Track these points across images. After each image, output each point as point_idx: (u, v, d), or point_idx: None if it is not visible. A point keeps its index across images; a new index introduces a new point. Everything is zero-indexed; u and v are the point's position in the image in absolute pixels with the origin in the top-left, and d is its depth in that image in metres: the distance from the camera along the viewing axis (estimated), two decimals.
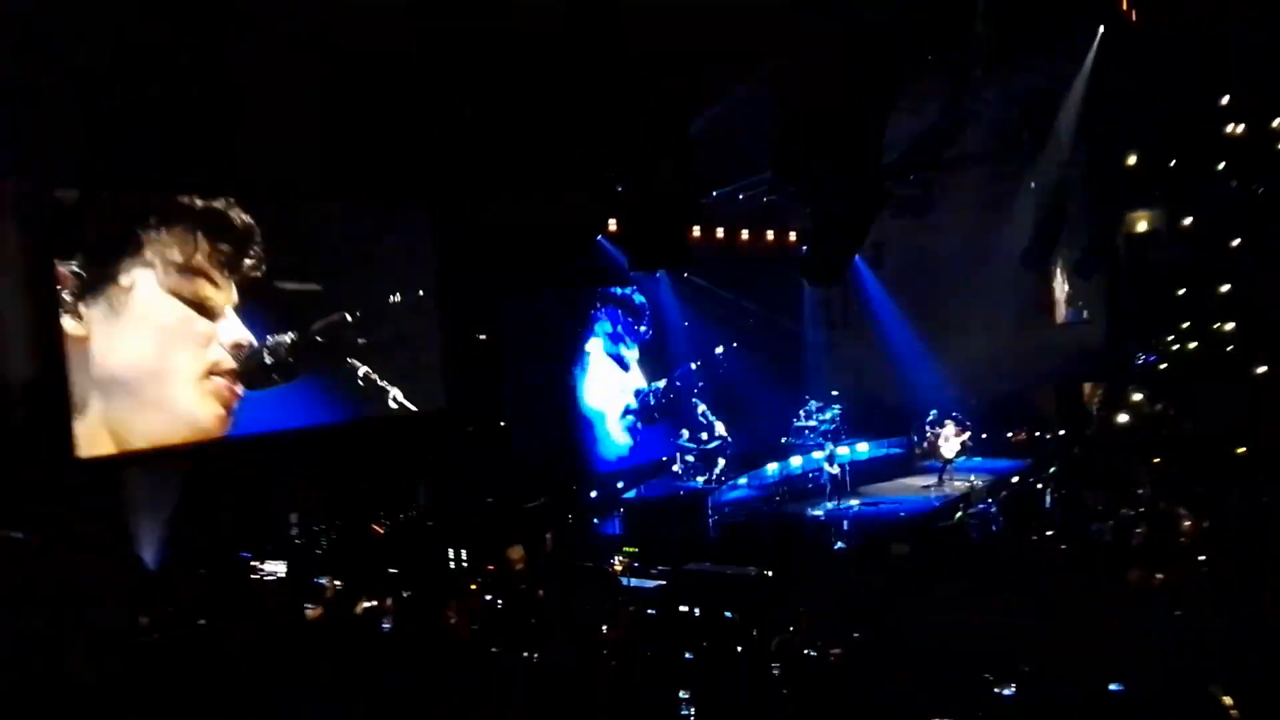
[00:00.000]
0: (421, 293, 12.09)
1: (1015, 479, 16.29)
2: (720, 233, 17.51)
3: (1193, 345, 23.08)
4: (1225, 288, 23.30)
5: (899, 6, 11.77)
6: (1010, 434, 19.95)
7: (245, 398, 10.31)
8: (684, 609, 9.18)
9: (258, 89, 9.57)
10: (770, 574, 10.75)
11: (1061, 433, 20.35)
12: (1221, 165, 23.94)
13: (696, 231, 16.21)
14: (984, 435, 18.30)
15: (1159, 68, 20.56)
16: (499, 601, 8.99)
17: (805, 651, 6.65)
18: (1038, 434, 20.20)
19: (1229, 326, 23.16)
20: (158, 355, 9.58)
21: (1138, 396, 22.15)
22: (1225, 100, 23.53)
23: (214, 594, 3.84)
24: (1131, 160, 24.34)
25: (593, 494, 14.62)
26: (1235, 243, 23.51)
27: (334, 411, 11.24)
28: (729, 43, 12.88)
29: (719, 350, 17.46)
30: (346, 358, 11.31)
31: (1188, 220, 24.72)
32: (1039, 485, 14.88)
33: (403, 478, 13.42)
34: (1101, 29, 18.88)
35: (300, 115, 10.06)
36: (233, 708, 2.63)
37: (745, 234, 18.07)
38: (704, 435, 15.49)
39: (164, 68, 9.00)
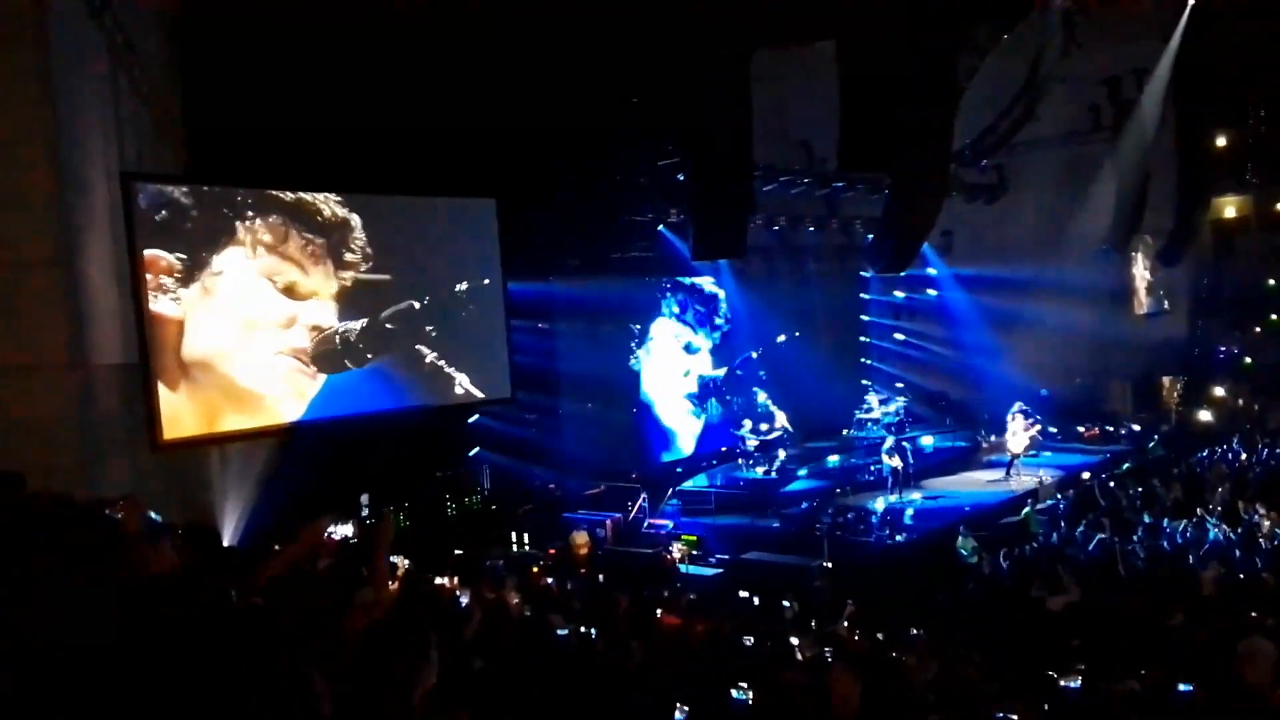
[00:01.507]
0: (488, 281, 12.34)
1: (1086, 475, 15.83)
2: (783, 221, 17.40)
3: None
4: None
5: None
6: (1082, 429, 19.36)
7: (322, 384, 10.70)
8: (743, 594, 9.26)
9: (336, 87, 9.93)
10: (829, 565, 10.74)
11: (1137, 428, 19.67)
12: None
13: (758, 220, 16.12)
14: (1055, 430, 17.79)
15: (1252, 42, 19.59)
16: (568, 584, 9.19)
17: (859, 640, 6.65)
18: (1111, 429, 19.56)
19: None
20: (244, 338, 10.06)
21: (1220, 392, 21.26)
22: None
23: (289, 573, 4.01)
24: (1221, 141, 23.33)
25: (653, 483, 14.74)
26: None
27: (403, 397, 11.58)
28: (792, 21, 12.78)
29: (781, 339, 17.37)
30: (415, 345, 11.64)
31: None
32: (1111, 483, 14.44)
33: (468, 462, 13.78)
34: (1191, 1, 18.07)
35: (373, 109, 10.40)
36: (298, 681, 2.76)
37: (809, 222, 17.92)
38: (764, 425, 15.45)
39: (249, 71, 9.43)
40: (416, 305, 11.58)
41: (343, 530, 11.13)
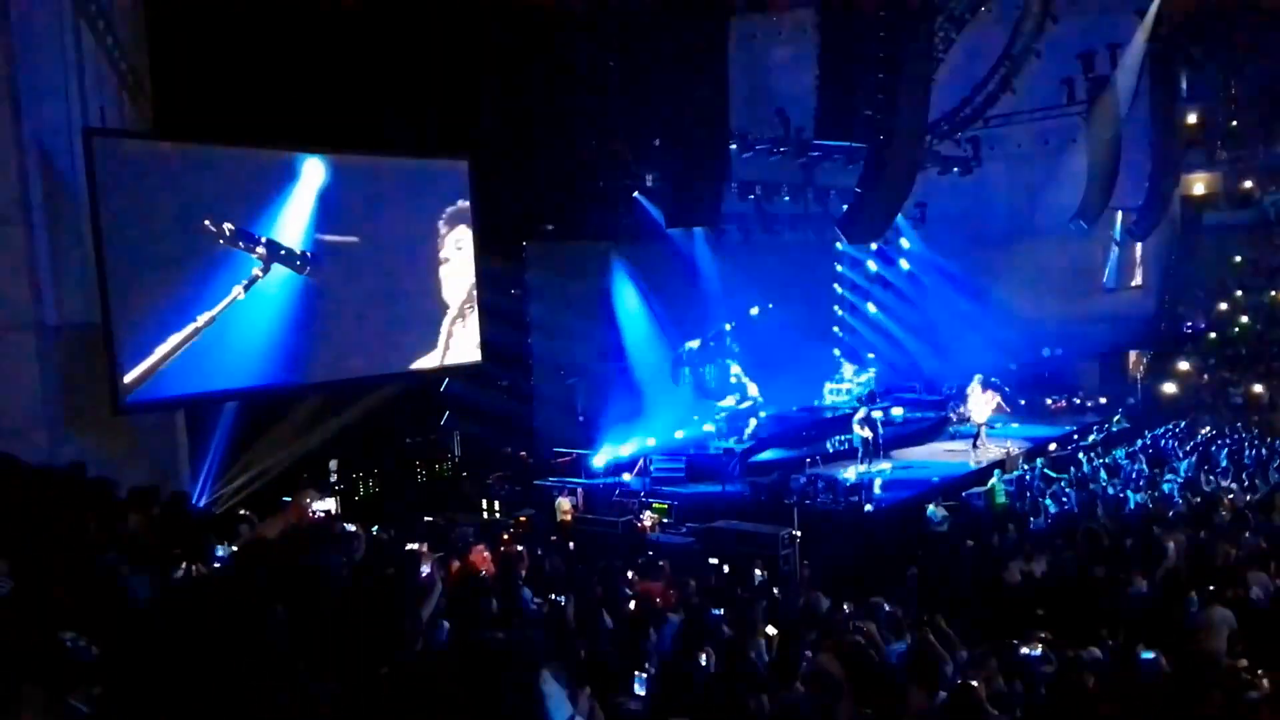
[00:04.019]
0: (460, 245, 12.10)
1: (1053, 446, 16.07)
2: (759, 189, 17.27)
3: (1245, 314, 22.46)
4: None
5: None
6: (1050, 401, 19.64)
7: (290, 347, 10.41)
8: (713, 561, 9.28)
9: (302, 43, 9.63)
10: (798, 534, 10.80)
11: (1104, 401, 19.98)
12: None
13: (733, 189, 15.99)
14: (1023, 402, 18.00)
15: (1225, 22, 19.68)
16: (538, 550, 9.14)
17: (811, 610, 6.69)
18: (1078, 401, 19.86)
19: None
20: (212, 306, 9.72)
21: (1185, 366, 21.63)
22: None
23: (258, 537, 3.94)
24: (1191, 119, 23.50)
25: (623, 450, 14.71)
26: None
27: (374, 362, 11.33)
28: None
29: (754, 311, 17.31)
30: (385, 309, 11.37)
31: (1248, 183, 23.89)
32: (1078, 454, 14.67)
33: (439, 429, 13.66)
34: None
35: (343, 69, 10.11)
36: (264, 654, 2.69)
37: (784, 191, 17.80)
38: (736, 396, 15.46)
39: (217, 29, 9.11)
40: (387, 268, 11.33)
41: (322, 505, 10.96)
